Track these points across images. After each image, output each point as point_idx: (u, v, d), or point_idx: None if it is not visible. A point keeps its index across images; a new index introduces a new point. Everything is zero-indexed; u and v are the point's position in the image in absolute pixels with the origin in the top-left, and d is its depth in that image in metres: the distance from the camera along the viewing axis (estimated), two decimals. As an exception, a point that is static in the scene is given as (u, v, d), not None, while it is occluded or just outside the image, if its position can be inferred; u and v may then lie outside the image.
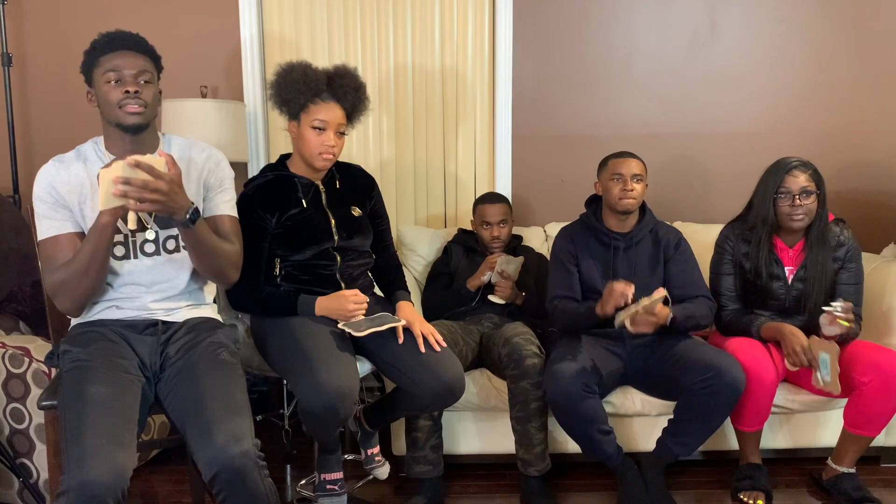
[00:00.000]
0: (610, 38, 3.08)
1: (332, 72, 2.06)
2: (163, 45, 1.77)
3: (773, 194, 2.24)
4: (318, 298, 2.00)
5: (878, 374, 2.08)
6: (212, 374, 1.65)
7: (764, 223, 2.27)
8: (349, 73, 2.07)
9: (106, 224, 1.58)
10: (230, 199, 1.89)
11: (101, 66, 1.67)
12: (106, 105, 1.68)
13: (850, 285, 2.28)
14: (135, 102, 1.67)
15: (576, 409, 2.10)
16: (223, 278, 1.82)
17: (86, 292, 1.67)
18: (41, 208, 1.70)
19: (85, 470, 1.38)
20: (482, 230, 2.68)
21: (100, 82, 1.68)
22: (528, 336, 2.29)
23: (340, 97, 2.04)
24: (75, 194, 1.70)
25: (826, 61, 3.10)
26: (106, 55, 1.67)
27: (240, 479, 1.49)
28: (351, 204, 2.15)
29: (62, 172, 1.71)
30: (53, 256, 1.68)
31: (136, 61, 1.68)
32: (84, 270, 1.63)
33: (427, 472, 2.23)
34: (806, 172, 2.22)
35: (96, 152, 1.76)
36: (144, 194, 1.51)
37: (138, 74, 1.68)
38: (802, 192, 2.21)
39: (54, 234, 1.69)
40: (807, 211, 2.22)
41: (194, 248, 1.71)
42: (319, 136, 2.01)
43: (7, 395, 2.16)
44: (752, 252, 2.31)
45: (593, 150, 3.15)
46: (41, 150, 3.06)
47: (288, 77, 2.01)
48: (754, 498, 2.20)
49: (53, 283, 1.66)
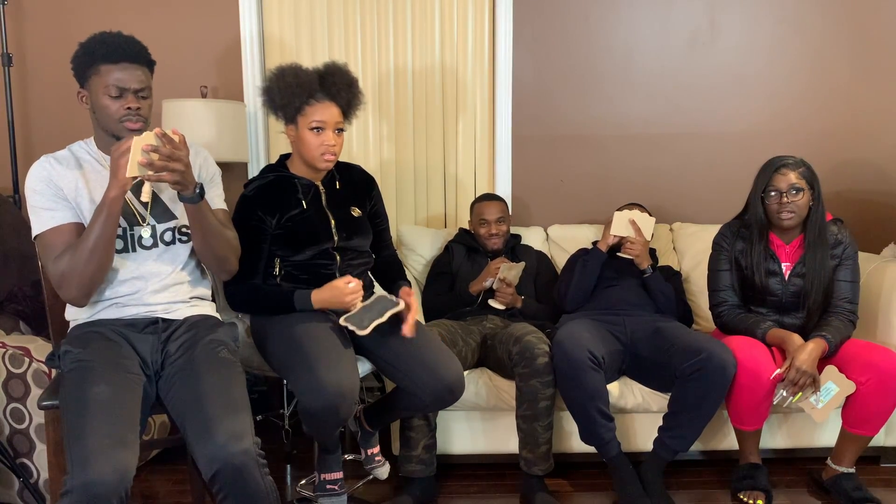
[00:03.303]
0: (610, 38, 3.09)
1: (323, 70, 2.06)
2: (163, 45, 1.77)
3: (761, 193, 2.26)
4: (312, 291, 1.99)
5: (876, 374, 2.09)
6: (212, 372, 1.65)
7: (757, 222, 2.29)
8: (340, 70, 2.06)
9: (115, 198, 1.60)
10: (221, 193, 1.93)
11: (102, 76, 1.67)
12: (104, 116, 1.69)
13: (846, 282, 2.28)
14: (136, 119, 1.69)
15: (580, 377, 2.14)
16: (225, 264, 1.84)
17: (93, 276, 1.66)
18: (38, 200, 1.69)
19: (88, 470, 1.38)
20: (480, 228, 2.69)
21: (99, 92, 1.68)
22: (539, 335, 2.29)
23: (335, 95, 2.04)
24: (72, 189, 1.71)
25: (825, 61, 3.10)
26: (107, 65, 1.67)
27: (240, 478, 1.50)
28: (351, 204, 2.15)
29: (57, 168, 1.72)
30: (54, 245, 1.67)
31: (138, 75, 1.69)
32: (91, 249, 1.62)
33: (419, 472, 2.23)
34: (796, 170, 2.23)
35: (89, 153, 1.77)
36: (169, 164, 1.58)
37: (140, 90, 1.69)
38: (790, 188, 2.21)
39: (56, 225, 1.68)
40: (795, 208, 2.22)
41: (201, 225, 1.74)
42: (319, 137, 2.01)
43: (7, 395, 2.16)
44: (746, 249, 2.32)
45: (593, 150, 3.15)
46: (41, 150, 3.06)
47: (280, 82, 2.00)
48: (754, 498, 2.20)
49: (58, 270, 1.65)
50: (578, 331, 2.24)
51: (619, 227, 2.51)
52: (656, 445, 2.26)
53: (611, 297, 2.54)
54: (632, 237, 2.50)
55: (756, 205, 2.28)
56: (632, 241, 2.49)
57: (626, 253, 2.51)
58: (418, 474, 2.24)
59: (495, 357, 2.37)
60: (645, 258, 2.51)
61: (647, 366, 2.33)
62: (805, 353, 2.12)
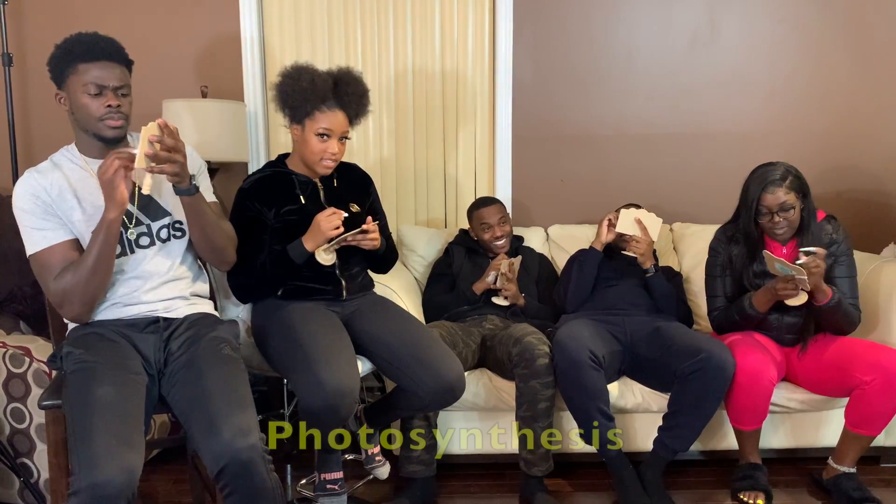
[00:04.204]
0: (610, 38, 3.08)
1: (337, 76, 2.04)
2: (163, 45, 1.78)
3: (753, 212, 2.23)
4: (301, 239, 1.98)
5: (881, 374, 2.08)
6: (215, 368, 1.65)
7: (748, 239, 2.28)
8: (355, 80, 2.06)
9: (114, 219, 1.60)
10: (209, 186, 1.95)
11: (80, 75, 1.65)
12: (84, 116, 1.68)
13: (843, 279, 2.28)
14: (117, 116, 1.68)
15: (580, 376, 2.14)
16: (223, 255, 1.86)
17: (95, 293, 1.68)
18: (29, 220, 1.68)
19: (96, 471, 1.38)
20: (483, 233, 2.68)
21: (77, 91, 1.66)
22: (540, 336, 2.29)
23: (345, 104, 2.04)
24: (60, 201, 1.69)
25: (825, 61, 3.10)
26: (85, 63, 1.65)
27: (247, 473, 1.50)
28: (349, 200, 2.16)
29: (41, 181, 1.70)
30: (51, 265, 1.67)
31: (117, 73, 1.68)
32: (93, 269, 1.63)
33: (419, 472, 2.24)
34: (783, 185, 2.19)
35: (71, 160, 1.75)
36: (172, 155, 1.60)
37: (119, 88, 1.68)
38: (780, 208, 2.20)
39: (49, 245, 1.68)
40: (788, 223, 2.21)
41: (198, 218, 1.75)
42: (323, 144, 2.01)
43: (8, 394, 2.16)
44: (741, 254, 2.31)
45: (593, 150, 3.15)
46: (41, 150, 3.06)
47: (296, 84, 1.99)
48: (754, 498, 2.20)
49: (59, 289, 1.65)
50: (579, 330, 2.24)
51: (625, 224, 2.51)
52: (656, 445, 2.26)
53: (611, 297, 2.54)
54: (637, 236, 2.49)
55: (748, 224, 2.26)
56: (637, 239, 2.49)
57: (632, 251, 2.51)
58: (418, 474, 2.24)
59: (495, 358, 2.37)
60: (649, 258, 2.51)
61: (647, 366, 2.33)
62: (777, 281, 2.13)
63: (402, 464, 2.25)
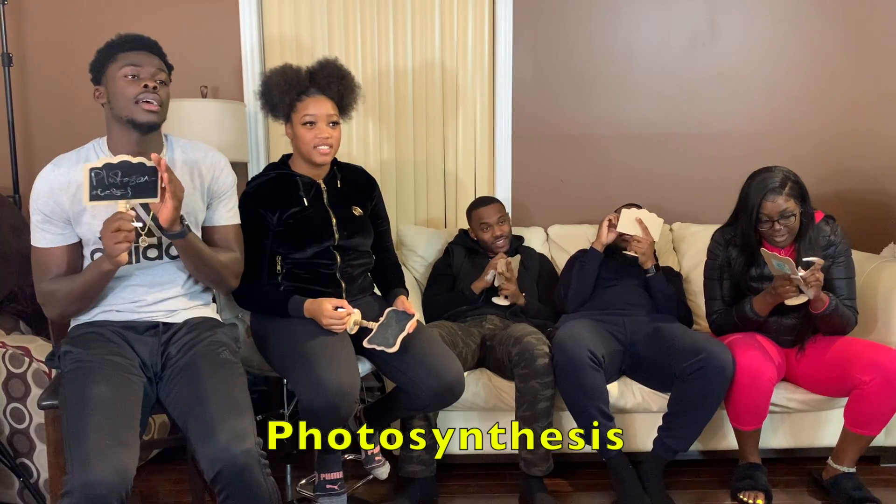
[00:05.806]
0: (610, 38, 3.08)
1: (315, 67, 2.08)
2: (163, 45, 1.77)
3: (753, 220, 2.23)
4: (305, 301, 1.99)
5: (880, 373, 2.08)
6: (213, 373, 1.65)
7: (747, 242, 2.28)
8: (331, 64, 2.08)
9: (109, 272, 1.63)
10: (233, 207, 1.91)
11: (119, 61, 1.67)
12: (120, 100, 1.66)
13: (842, 279, 2.28)
14: (153, 98, 1.66)
15: (580, 376, 2.14)
16: (221, 285, 1.85)
17: (74, 313, 1.75)
18: (37, 216, 1.70)
19: (88, 471, 1.38)
20: (483, 233, 2.68)
21: (115, 76, 1.66)
22: (539, 336, 2.29)
23: (325, 88, 2.05)
24: (76, 201, 1.69)
25: (826, 61, 3.10)
26: (125, 52, 1.67)
27: (242, 478, 1.50)
28: (352, 203, 2.16)
29: (60, 178, 1.69)
30: (46, 266, 1.70)
31: (156, 62, 1.70)
32: (79, 297, 1.69)
33: (419, 472, 2.23)
34: (783, 192, 2.18)
35: (98, 155, 1.73)
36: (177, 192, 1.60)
37: (156, 73, 1.69)
38: (781, 216, 2.19)
39: (48, 246, 1.70)
40: (788, 230, 2.21)
41: (191, 257, 1.74)
42: (311, 131, 2.02)
43: (7, 394, 2.16)
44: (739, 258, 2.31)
45: (593, 150, 3.15)
46: (41, 150, 3.06)
47: (270, 82, 2.04)
48: (754, 498, 2.20)
49: (44, 291, 1.70)
50: (578, 330, 2.24)
51: (626, 224, 2.51)
52: (656, 445, 2.26)
53: (611, 297, 2.54)
54: (639, 236, 2.49)
55: (748, 230, 2.26)
56: (638, 239, 2.49)
57: (633, 251, 2.50)
58: (418, 475, 2.24)
59: (495, 358, 2.37)
60: (650, 258, 2.51)
61: (647, 366, 2.33)
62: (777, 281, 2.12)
63: (402, 464, 2.25)
